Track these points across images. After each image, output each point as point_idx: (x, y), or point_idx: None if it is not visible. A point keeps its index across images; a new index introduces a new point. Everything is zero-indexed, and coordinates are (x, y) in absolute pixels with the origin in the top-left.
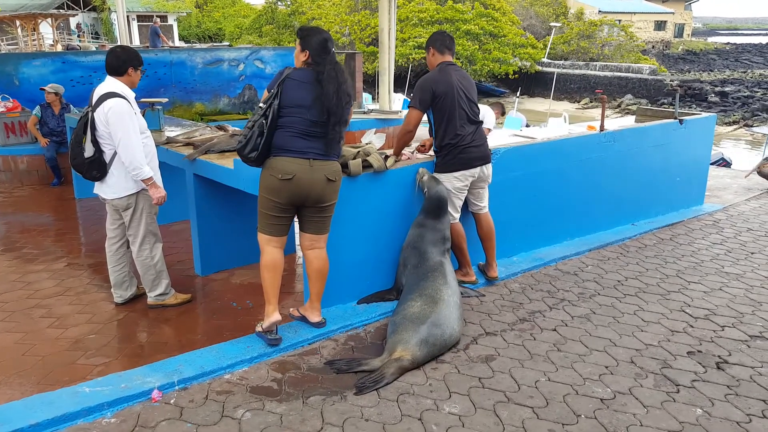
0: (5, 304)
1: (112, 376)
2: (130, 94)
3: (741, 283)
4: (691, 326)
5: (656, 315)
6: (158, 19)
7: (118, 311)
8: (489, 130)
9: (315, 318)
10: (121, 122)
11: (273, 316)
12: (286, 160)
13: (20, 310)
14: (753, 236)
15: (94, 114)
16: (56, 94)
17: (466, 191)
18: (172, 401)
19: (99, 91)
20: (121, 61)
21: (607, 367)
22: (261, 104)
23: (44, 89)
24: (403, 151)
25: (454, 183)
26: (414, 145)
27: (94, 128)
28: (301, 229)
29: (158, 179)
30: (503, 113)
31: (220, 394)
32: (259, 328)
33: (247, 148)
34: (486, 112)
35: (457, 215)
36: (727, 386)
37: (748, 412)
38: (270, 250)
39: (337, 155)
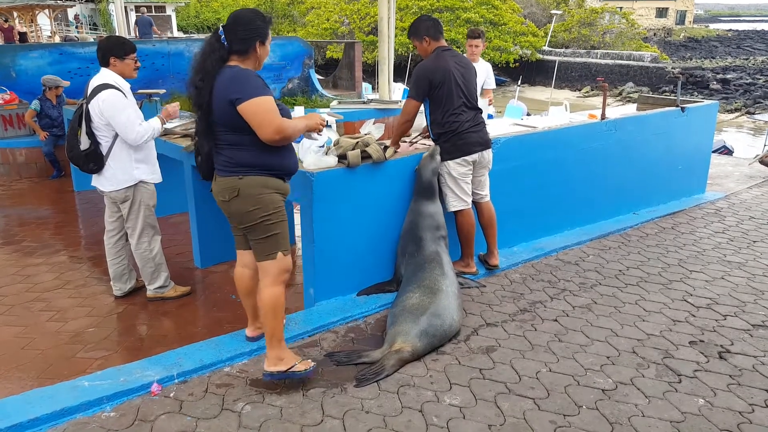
0: (4, 298)
1: (112, 369)
2: (125, 85)
3: (743, 272)
4: (693, 316)
5: (658, 304)
6: (145, 9)
7: (118, 304)
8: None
9: (265, 364)
10: (117, 113)
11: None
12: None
13: (19, 304)
14: (755, 224)
15: (89, 106)
16: (57, 87)
17: (471, 175)
18: (171, 394)
19: (93, 82)
20: (101, 52)
21: (608, 358)
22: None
23: (56, 84)
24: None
25: (458, 169)
26: (413, 134)
27: (89, 120)
28: None
29: (156, 170)
30: (474, 36)
31: (220, 387)
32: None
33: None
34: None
35: (468, 200)
36: (730, 376)
37: (751, 401)
38: (237, 269)
39: (222, 168)
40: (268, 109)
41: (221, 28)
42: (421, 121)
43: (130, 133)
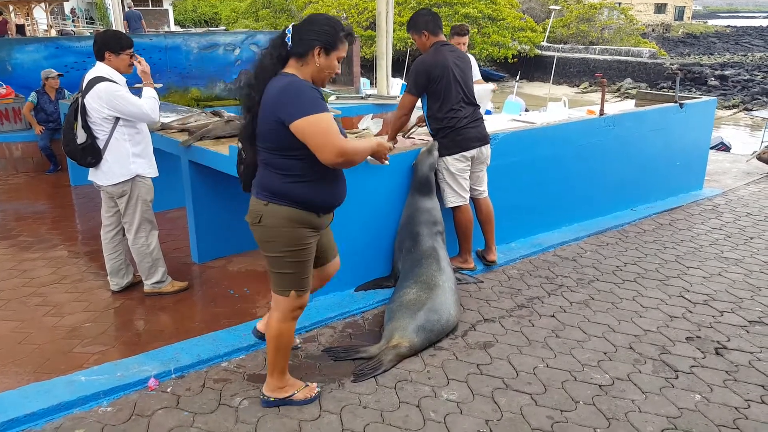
0: (1, 293)
1: (109, 364)
2: (120, 79)
3: (740, 268)
4: (690, 312)
5: (655, 301)
6: (132, 3)
7: (115, 299)
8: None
9: (264, 387)
10: (122, 101)
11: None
12: None
13: (16, 299)
14: (752, 221)
15: (85, 100)
16: (47, 79)
17: (469, 170)
18: (168, 389)
19: (88, 76)
20: (97, 46)
21: (605, 353)
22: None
23: (46, 75)
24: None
25: (456, 164)
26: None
27: (85, 114)
28: None
29: (153, 164)
30: (461, 33)
31: (217, 382)
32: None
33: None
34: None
35: (466, 196)
36: (726, 372)
37: (747, 397)
38: None
39: (254, 186)
40: (327, 129)
41: (290, 26)
42: (417, 114)
43: (142, 112)
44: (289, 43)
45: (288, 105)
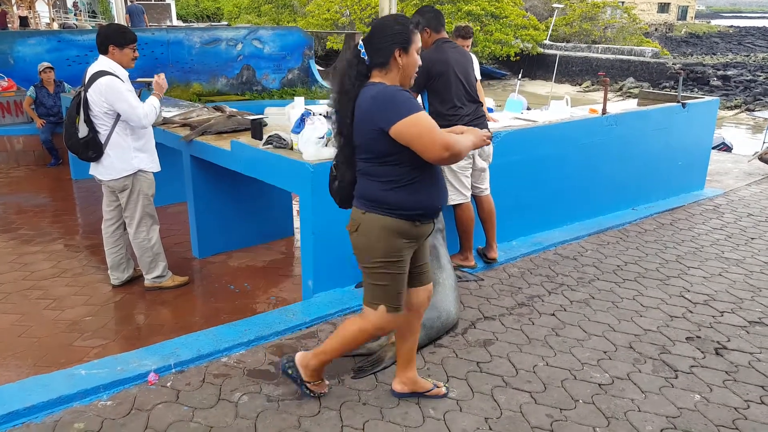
0: (1, 285)
1: (109, 358)
2: (123, 73)
3: (741, 269)
4: (691, 312)
5: (655, 300)
6: None
7: (115, 293)
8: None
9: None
10: (119, 97)
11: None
12: None
13: (17, 292)
14: (753, 221)
15: (87, 94)
16: (41, 72)
17: (470, 168)
18: (168, 384)
19: (91, 70)
20: (101, 39)
21: (605, 353)
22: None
23: (41, 68)
24: None
25: (458, 162)
26: None
27: (87, 108)
28: None
29: (155, 159)
30: (465, 37)
31: (217, 377)
32: None
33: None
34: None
35: (468, 193)
36: (726, 372)
37: (747, 398)
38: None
39: (355, 195)
40: (428, 126)
41: (361, 42)
42: None
43: (135, 115)
44: (365, 58)
45: (384, 111)
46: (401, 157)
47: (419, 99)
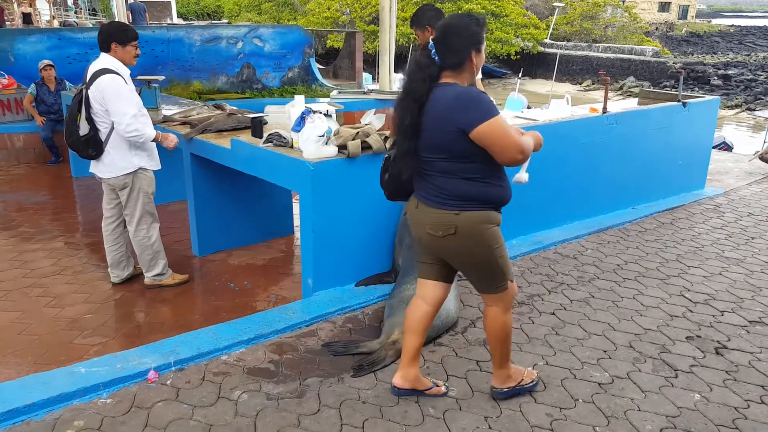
0: (2, 283)
1: (109, 356)
2: (125, 71)
3: (741, 268)
4: (691, 311)
5: (655, 299)
6: None
7: (115, 291)
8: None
9: (492, 381)
10: (116, 97)
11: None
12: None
13: (17, 289)
14: (754, 221)
15: (88, 91)
16: (42, 69)
17: None
18: (168, 382)
19: (93, 67)
20: (103, 37)
21: (605, 352)
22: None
23: (42, 65)
24: None
25: None
26: None
27: (88, 106)
28: None
29: (156, 157)
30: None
31: (217, 375)
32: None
33: (385, 190)
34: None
35: None
36: (726, 372)
37: (747, 397)
38: (413, 299)
39: (431, 198)
40: (507, 129)
41: (431, 42)
42: None
43: (122, 121)
44: (436, 58)
45: (466, 113)
46: (481, 155)
47: None
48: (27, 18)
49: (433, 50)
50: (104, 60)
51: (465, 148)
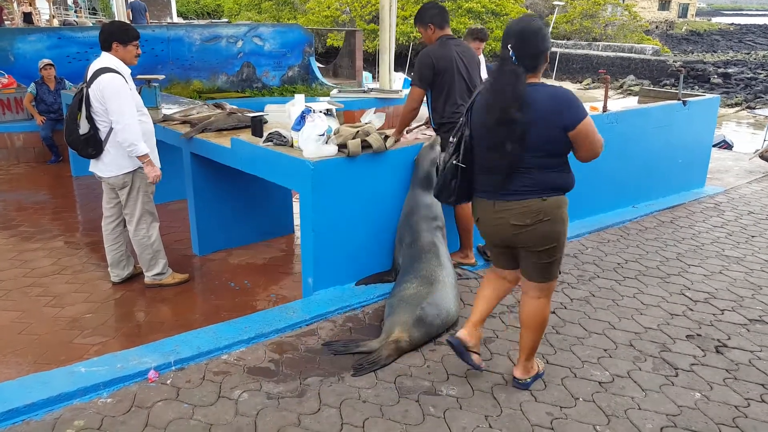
0: (2, 282)
1: (109, 356)
2: (126, 70)
3: (741, 267)
4: (691, 310)
5: (656, 298)
6: None
7: (115, 290)
8: None
9: (516, 373)
10: (115, 97)
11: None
12: (475, 201)
13: (17, 289)
14: (754, 219)
15: (89, 90)
16: (43, 69)
17: None
18: (168, 382)
19: (93, 66)
20: (104, 36)
21: (605, 350)
22: (451, 138)
23: (42, 65)
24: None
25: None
26: (413, 124)
27: (89, 105)
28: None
29: (155, 158)
30: (482, 39)
31: (217, 374)
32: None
33: (442, 195)
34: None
35: None
36: (726, 370)
37: (747, 396)
38: (485, 277)
39: (522, 191)
40: (595, 128)
41: (510, 49)
42: (424, 111)
43: (121, 120)
44: (516, 63)
45: (568, 112)
46: (567, 149)
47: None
48: (27, 17)
49: (513, 55)
50: (105, 59)
51: (561, 144)
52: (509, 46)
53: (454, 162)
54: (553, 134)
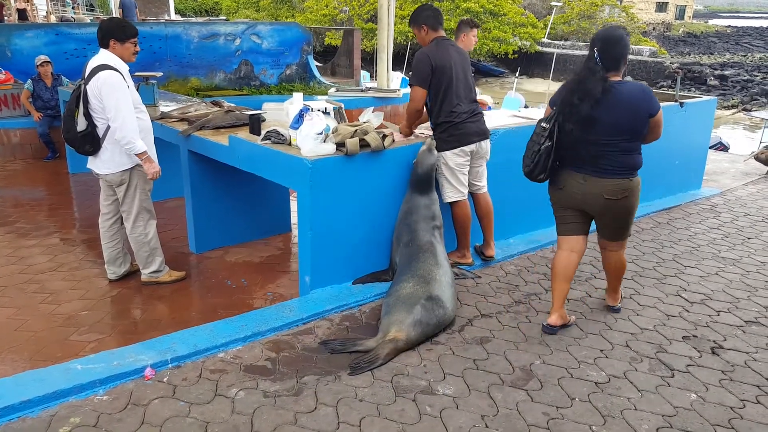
0: None
1: (105, 353)
2: (124, 67)
3: (737, 268)
4: (687, 311)
5: (652, 299)
6: None
7: (112, 288)
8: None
9: (611, 302)
10: (113, 94)
11: (551, 317)
12: (564, 172)
13: (13, 285)
14: (750, 221)
15: (87, 87)
16: (39, 66)
17: (468, 165)
18: (165, 379)
19: (91, 63)
20: (102, 33)
21: (602, 351)
22: (543, 123)
23: (39, 61)
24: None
25: (455, 159)
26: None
27: (86, 102)
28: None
29: (153, 155)
30: (477, 26)
31: (214, 372)
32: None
33: (534, 173)
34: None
35: (465, 190)
36: (722, 371)
37: (742, 397)
38: (559, 253)
39: (612, 170)
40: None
41: (595, 51)
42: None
43: (118, 116)
44: (600, 63)
45: (652, 101)
46: (644, 134)
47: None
48: (22, 14)
49: (598, 58)
50: (103, 56)
51: (644, 129)
52: (595, 49)
53: (549, 143)
54: (640, 120)
